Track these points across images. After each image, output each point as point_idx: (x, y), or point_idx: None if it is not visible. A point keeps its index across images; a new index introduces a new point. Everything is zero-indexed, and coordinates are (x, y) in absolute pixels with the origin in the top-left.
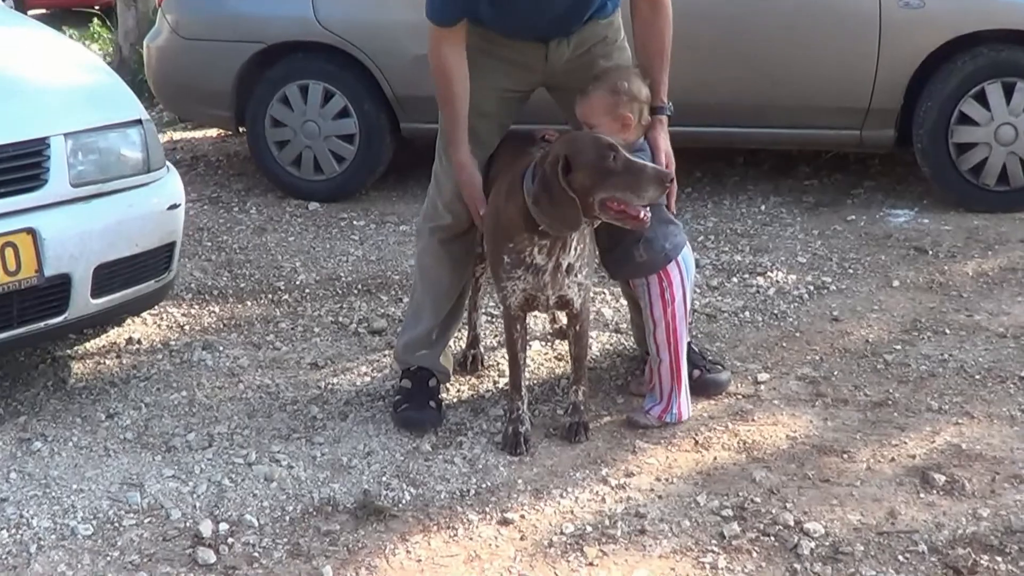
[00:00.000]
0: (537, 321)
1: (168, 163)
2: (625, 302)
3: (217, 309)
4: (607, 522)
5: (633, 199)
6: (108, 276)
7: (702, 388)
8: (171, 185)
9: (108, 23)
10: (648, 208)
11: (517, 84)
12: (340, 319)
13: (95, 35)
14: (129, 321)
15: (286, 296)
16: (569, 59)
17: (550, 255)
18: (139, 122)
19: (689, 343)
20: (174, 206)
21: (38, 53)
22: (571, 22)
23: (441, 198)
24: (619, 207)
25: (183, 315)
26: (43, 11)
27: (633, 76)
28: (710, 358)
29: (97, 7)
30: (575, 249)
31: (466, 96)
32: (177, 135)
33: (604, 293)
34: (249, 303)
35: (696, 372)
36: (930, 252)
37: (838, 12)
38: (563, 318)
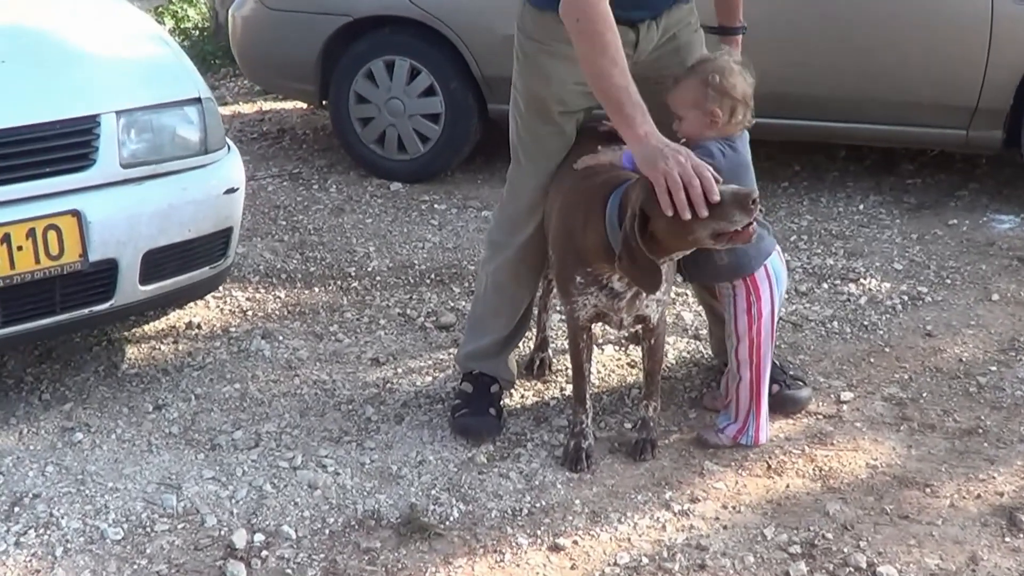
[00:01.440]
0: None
1: (229, 143)
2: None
3: (283, 294)
4: (665, 553)
5: (727, 228)
6: (158, 262)
7: (780, 405)
8: (230, 167)
9: None
10: (751, 222)
11: None
12: (408, 311)
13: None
14: (191, 304)
15: (355, 283)
16: (656, 45)
17: (630, 285)
18: (198, 100)
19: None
20: (232, 190)
21: (95, 21)
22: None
23: (517, 208)
24: (724, 237)
25: (247, 299)
26: None
27: (732, 71)
28: (791, 372)
29: None
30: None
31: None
32: (267, 105)
33: (685, 295)
34: (316, 289)
35: (775, 387)
36: None
37: (948, 6)
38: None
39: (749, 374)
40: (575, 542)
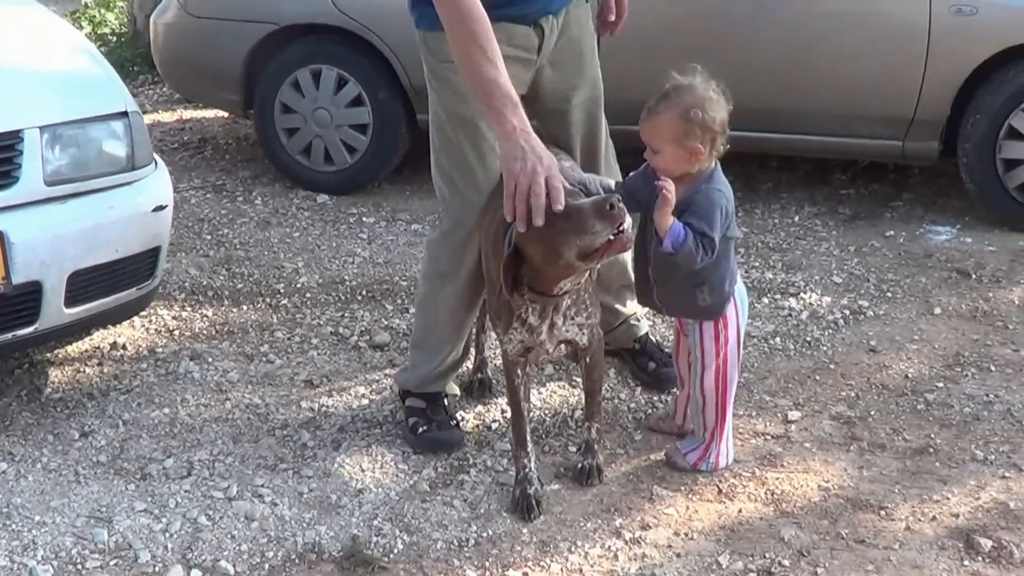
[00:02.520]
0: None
1: (157, 158)
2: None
3: (210, 313)
4: None
5: (594, 242)
6: (84, 284)
7: (656, 383)
8: (158, 184)
9: None
10: (625, 229)
11: (516, 85)
12: (340, 330)
13: (111, 3)
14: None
15: (285, 300)
16: (556, 43)
17: (542, 318)
18: (125, 114)
19: (646, 334)
20: (160, 207)
21: (17, 33)
22: None
23: (461, 235)
24: (595, 253)
25: (173, 318)
26: None
27: (712, 101)
28: (667, 351)
29: None
30: (564, 304)
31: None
32: (188, 114)
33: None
34: (245, 307)
35: (652, 364)
36: (973, 276)
37: (885, 17)
38: None
39: (716, 399)
40: (525, 574)
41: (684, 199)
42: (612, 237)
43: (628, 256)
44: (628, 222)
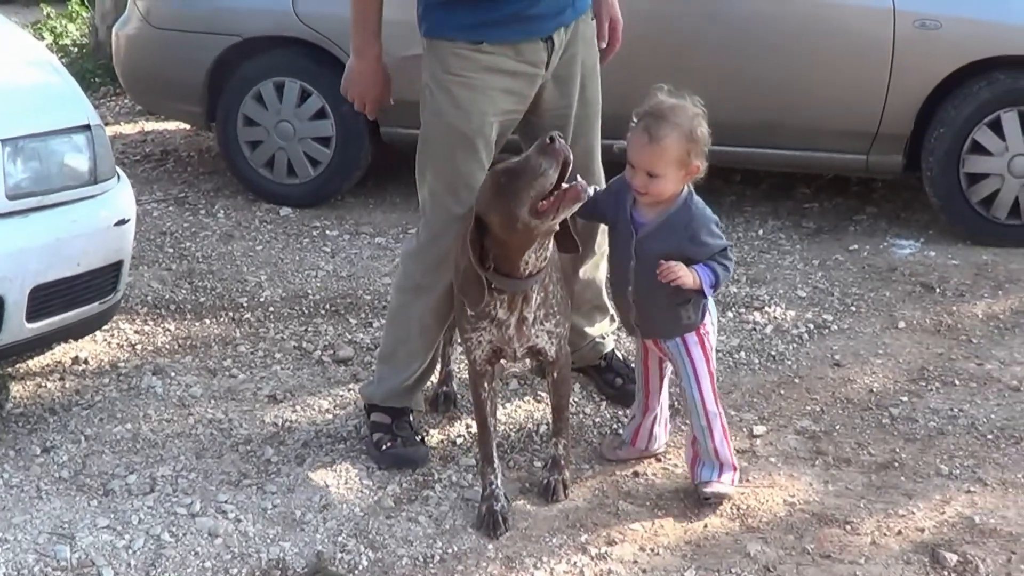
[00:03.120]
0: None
1: (119, 172)
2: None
3: (172, 327)
4: None
5: (544, 184)
6: (46, 298)
7: (622, 398)
8: (120, 198)
9: (87, 3)
10: (577, 179)
11: (518, 102)
12: (304, 344)
13: (73, 14)
14: None
15: (248, 315)
16: (562, 57)
17: (511, 309)
18: (87, 127)
19: (612, 350)
20: (122, 221)
21: None
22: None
23: (441, 249)
24: (546, 203)
25: (136, 332)
26: None
27: (700, 115)
28: (633, 366)
29: None
30: (535, 300)
31: None
32: (149, 126)
33: None
34: (208, 321)
35: (619, 380)
36: (937, 290)
37: (849, 31)
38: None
39: (717, 411)
40: None
41: (670, 218)
42: (565, 186)
43: (603, 277)
44: (580, 179)
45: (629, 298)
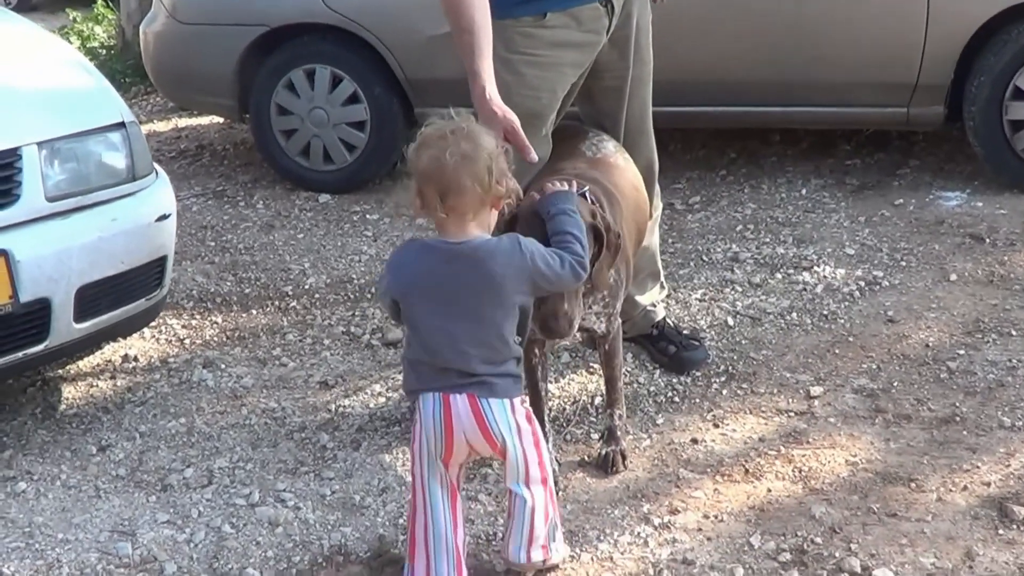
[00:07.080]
0: None
1: (157, 168)
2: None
3: (220, 319)
4: (651, 571)
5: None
6: (92, 298)
7: (677, 365)
8: (160, 194)
9: (112, 4)
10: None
11: (583, 72)
12: (352, 329)
13: (99, 17)
14: None
15: (294, 303)
16: (619, 19)
17: None
18: (122, 125)
19: (664, 318)
20: (163, 217)
21: (8, 49)
22: None
23: None
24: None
25: (183, 327)
26: None
27: None
28: (686, 332)
29: None
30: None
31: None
32: (182, 122)
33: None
34: (254, 311)
35: (672, 348)
36: (987, 240)
37: None
38: None
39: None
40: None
41: None
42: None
43: (657, 242)
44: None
45: None
